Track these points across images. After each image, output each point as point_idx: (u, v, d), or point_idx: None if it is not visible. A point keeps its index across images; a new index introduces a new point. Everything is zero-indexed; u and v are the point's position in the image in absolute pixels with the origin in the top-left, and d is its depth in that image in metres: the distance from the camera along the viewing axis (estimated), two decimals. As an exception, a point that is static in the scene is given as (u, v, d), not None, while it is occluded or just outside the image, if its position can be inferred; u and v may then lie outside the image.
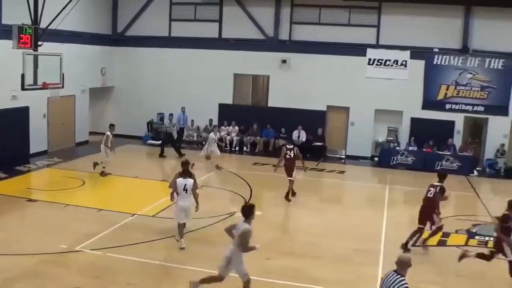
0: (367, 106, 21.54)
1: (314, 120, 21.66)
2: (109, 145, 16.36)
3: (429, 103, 21.48)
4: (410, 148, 21.02)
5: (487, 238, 12.17)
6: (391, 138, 21.65)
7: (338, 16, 22.03)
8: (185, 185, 10.16)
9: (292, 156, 14.74)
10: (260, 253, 9.99)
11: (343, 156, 21.75)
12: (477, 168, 20.88)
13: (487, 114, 21.33)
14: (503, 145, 21.20)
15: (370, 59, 21.67)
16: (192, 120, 22.80)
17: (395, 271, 6.09)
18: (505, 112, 21.16)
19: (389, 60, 21.58)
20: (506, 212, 9.47)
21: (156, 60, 23.26)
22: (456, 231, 12.62)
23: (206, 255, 9.99)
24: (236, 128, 22.45)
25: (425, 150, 20.96)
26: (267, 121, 21.93)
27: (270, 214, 13.22)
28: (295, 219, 13.30)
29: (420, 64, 21.37)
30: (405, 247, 10.87)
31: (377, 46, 21.79)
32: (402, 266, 6.10)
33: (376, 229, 12.45)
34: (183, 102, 22.40)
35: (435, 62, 21.40)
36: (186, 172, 10.40)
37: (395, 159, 20.76)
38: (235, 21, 22.53)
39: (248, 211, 7.88)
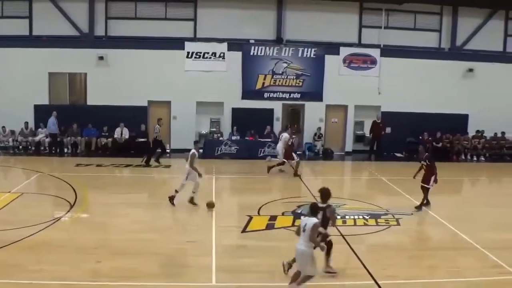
0: (188, 99, 21.68)
1: (136, 116, 21.27)
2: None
3: (248, 93, 22.19)
4: (233, 138, 21.57)
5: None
6: (214, 129, 22.03)
7: (155, 10, 22.01)
8: (305, 224, 7.83)
9: (292, 143, 18.04)
10: (89, 256, 9.55)
11: (168, 150, 21.59)
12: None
13: (303, 100, 22.63)
14: (319, 128, 22.60)
15: (188, 53, 21.80)
16: (4, 127, 21.11)
17: None
18: (319, 98, 22.57)
19: (207, 53, 21.89)
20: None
21: (-40, 61, 21.32)
22: (283, 214, 12.97)
23: (34, 266, 9.16)
24: (55, 129, 21.34)
25: (247, 138, 21.61)
26: (88, 120, 21.16)
27: (97, 215, 12.65)
28: (123, 218, 12.74)
29: (237, 56, 22.01)
30: None
31: (195, 39, 22.06)
32: None
33: (206, 220, 12.46)
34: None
35: (251, 53, 22.16)
36: (313, 208, 8.08)
37: (219, 149, 21.15)
38: (47, 17, 21.37)
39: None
